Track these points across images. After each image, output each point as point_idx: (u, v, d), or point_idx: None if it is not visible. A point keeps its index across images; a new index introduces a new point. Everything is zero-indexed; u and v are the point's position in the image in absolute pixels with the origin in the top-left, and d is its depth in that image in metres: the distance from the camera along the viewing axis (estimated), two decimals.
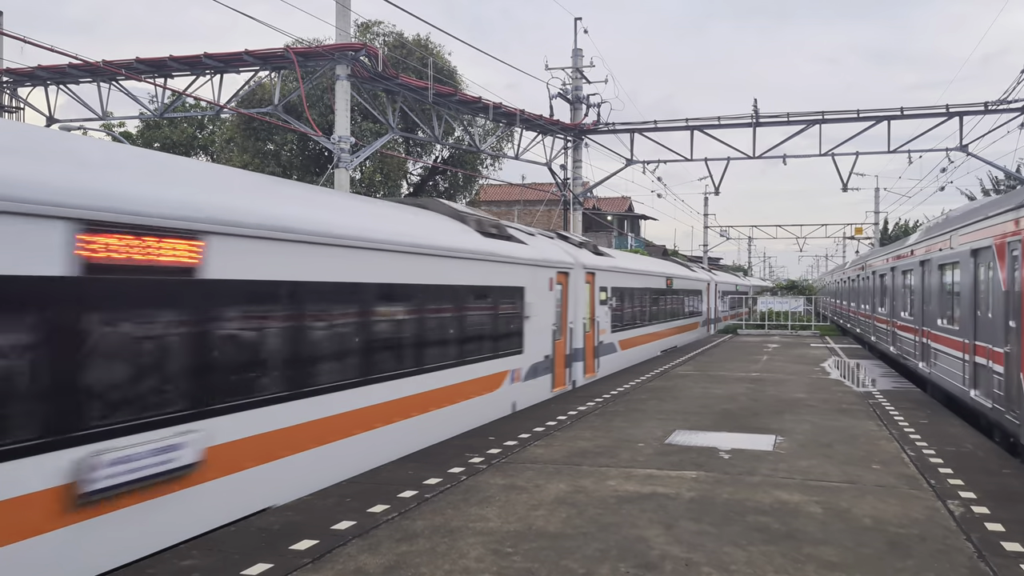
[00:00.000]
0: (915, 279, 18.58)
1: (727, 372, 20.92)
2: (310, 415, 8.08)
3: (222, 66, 22.15)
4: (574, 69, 30.47)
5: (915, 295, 18.56)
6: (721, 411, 14.09)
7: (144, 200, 6.26)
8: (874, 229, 60.28)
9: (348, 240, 8.76)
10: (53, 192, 5.51)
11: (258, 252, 7.39)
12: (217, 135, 41.52)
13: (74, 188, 5.70)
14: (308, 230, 8.09)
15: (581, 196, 31.74)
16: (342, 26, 19.92)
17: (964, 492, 8.45)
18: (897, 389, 17.52)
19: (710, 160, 29.94)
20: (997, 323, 11.23)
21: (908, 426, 12.57)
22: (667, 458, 10.07)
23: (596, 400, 15.21)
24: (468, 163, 37.25)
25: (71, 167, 5.90)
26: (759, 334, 40.78)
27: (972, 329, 12.66)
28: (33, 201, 5.35)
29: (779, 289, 69.54)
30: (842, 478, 9.06)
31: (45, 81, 24.12)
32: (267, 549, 6.46)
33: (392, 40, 34.37)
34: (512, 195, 53.62)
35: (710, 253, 68.19)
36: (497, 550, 6.53)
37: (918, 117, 26.76)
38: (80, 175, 5.90)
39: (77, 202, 5.67)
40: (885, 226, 64.39)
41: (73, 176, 5.80)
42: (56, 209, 5.50)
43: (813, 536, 6.95)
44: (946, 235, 14.76)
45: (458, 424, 11.42)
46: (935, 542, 6.82)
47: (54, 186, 5.55)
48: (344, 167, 19.85)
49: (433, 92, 23.39)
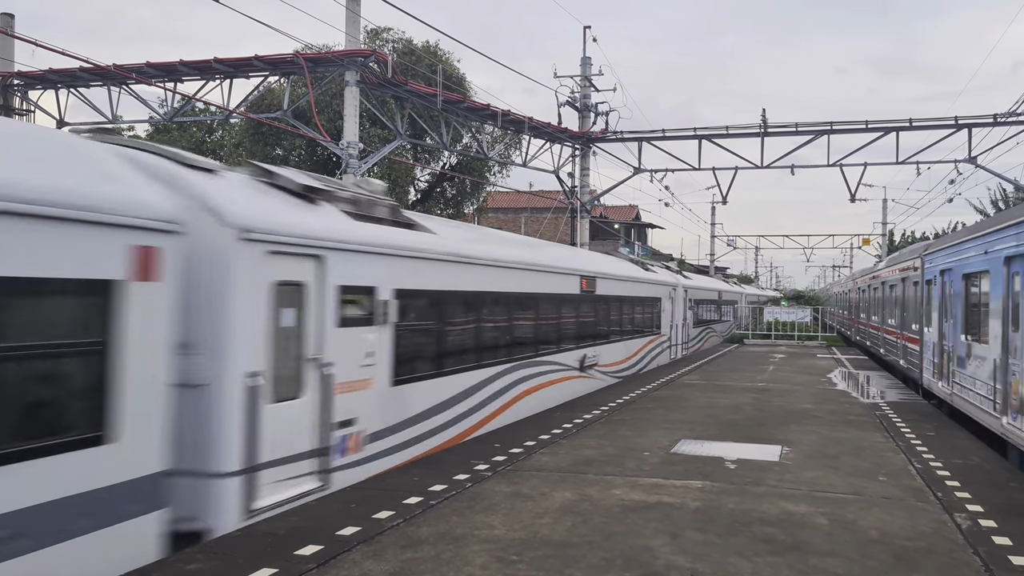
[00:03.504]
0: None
1: (733, 382, 20.87)
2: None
3: (232, 71, 22.26)
4: (582, 77, 30.52)
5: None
6: (727, 421, 14.05)
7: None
8: (881, 240, 60.14)
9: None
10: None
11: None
12: (226, 140, 41.70)
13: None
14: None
15: (588, 204, 31.76)
16: (352, 32, 19.99)
17: (971, 505, 8.41)
18: (904, 401, 17.46)
19: (718, 169, 29.94)
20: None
21: (915, 438, 12.52)
22: (673, 467, 10.05)
23: (602, 408, 15.18)
24: (476, 170, 37.31)
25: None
26: (765, 344, 40.71)
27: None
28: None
29: (784, 299, 69.33)
30: (848, 490, 9.03)
31: (56, 84, 24.27)
32: (272, 554, 6.46)
33: (401, 47, 34.47)
34: (519, 202, 53.59)
35: (717, 262, 68.11)
36: (502, 558, 6.52)
37: (927, 128, 26.75)
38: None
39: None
40: (891, 237, 64.23)
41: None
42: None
43: (819, 548, 6.92)
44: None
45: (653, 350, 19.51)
46: (942, 555, 6.78)
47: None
48: (352, 173, 19.91)
49: (442, 99, 23.46)
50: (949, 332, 15.37)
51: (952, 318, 15.17)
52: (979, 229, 13.83)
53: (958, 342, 14.41)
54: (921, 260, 18.74)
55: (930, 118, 26.59)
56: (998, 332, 11.49)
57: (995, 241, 12.29)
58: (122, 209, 6.00)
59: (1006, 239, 11.57)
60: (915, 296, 19.75)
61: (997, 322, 11.62)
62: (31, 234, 5.35)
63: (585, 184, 31.34)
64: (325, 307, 8.42)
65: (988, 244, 12.74)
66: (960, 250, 14.88)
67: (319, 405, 8.30)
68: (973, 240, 13.88)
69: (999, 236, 12.01)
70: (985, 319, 12.58)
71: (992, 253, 12.38)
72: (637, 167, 30.80)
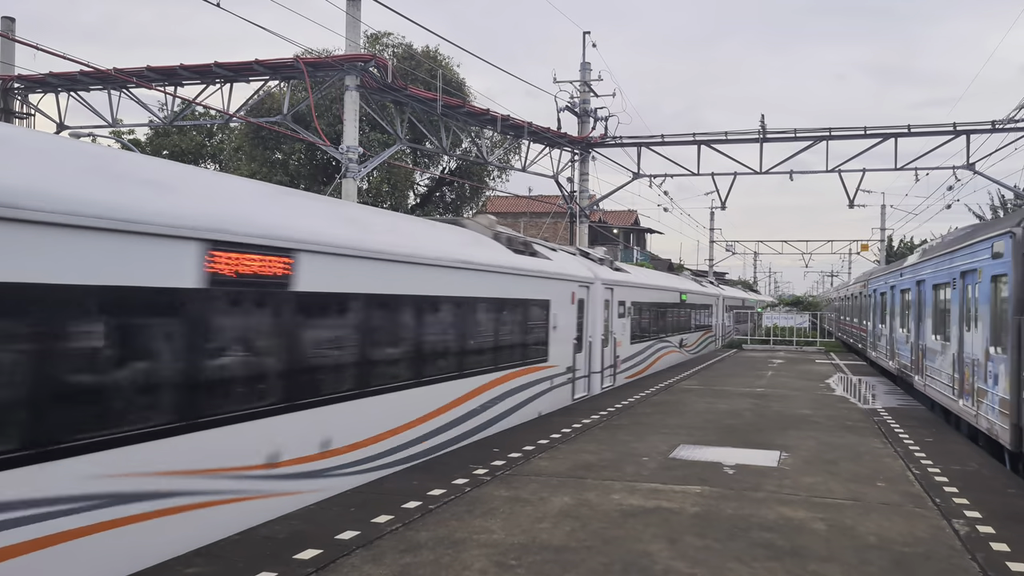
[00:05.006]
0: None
1: (731, 387, 20.88)
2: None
3: (232, 75, 22.31)
4: (582, 82, 30.59)
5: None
6: (725, 426, 14.06)
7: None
8: (880, 246, 60.20)
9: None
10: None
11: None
12: (226, 143, 41.76)
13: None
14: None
15: (587, 209, 31.81)
16: (352, 37, 20.04)
17: (969, 511, 8.42)
18: (902, 407, 17.48)
19: (717, 175, 30.04)
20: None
21: (913, 444, 12.53)
22: (671, 472, 10.06)
23: (600, 413, 15.20)
24: (475, 175, 37.36)
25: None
26: (764, 349, 40.72)
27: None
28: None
29: (778, 305, 69.42)
30: (847, 495, 9.04)
31: (56, 88, 24.30)
32: (271, 558, 6.46)
33: (401, 51, 34.56)
34: (518, 207, 53.64)
35: (716, 268, 68.14)
36: (501, 562, 6.52)
37: (925, 135, 26.84)
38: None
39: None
40: (890, 243, 64.30)
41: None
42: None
43: (817, 553, 6.93)
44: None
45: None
46: (940, 561, 6.79)
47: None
48: (352, 177, 19.94)
49: (441, 104, 23.50)
50: (876, 323, 27.12)
51: (879, 316, 26.13)
52: (882, 270, 27.60)
53: (878, 329, 26.49)
54: (867, 282, 30.39)
55: (928, 124, 26.73)
56: (892, 322, 22.83)
57: (890, 276, 23.70)
58: (579, 278, 17.13)
59: (894, 276, 22.90)
60: (865, 304, 30.69)
61: (894, 316, 22.70)
62: (523, 283, 13.91)
63: (584, 189, 31.41)
64: (612, 309, 19.62)
65: (887, 278, 24.54)
66: (877, 279, 27.32)
67: (612, 349, 19.75)
68: (883, 276, 25.77)
69: (896, 271, 22.63)
70: (889, 316, 23.78)
71: (879, 283, 26.06)
72: (636, 172, 30.86)
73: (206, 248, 6.70)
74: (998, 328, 11.48)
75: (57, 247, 5.48)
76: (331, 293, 8.48)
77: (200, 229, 6.65)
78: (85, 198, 5.73)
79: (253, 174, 32.71)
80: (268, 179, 30.78)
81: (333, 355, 8.64)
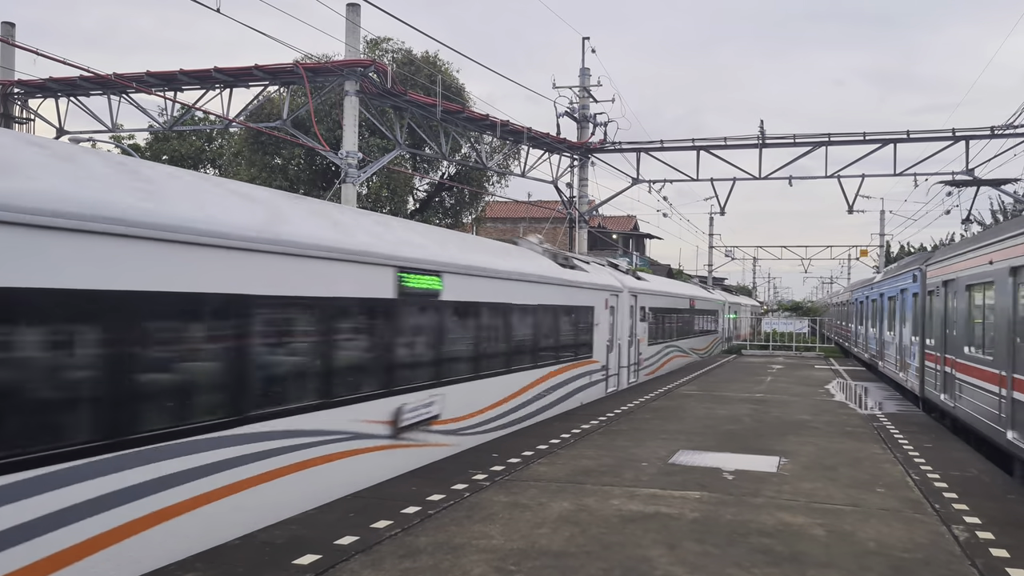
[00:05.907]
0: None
1: (731, 393, 20.88)
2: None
3: (232, 80, 22.30)
4: (581, 88, 30.63)
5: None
6: (725, 432, 14.06)
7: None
8: (879, 251, 60.22)
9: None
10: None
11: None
12: (225, 148, 41.74)
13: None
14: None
15: (587, 214, 31.81)
16: (351, 42, 20.06)
17: (969, 517, 8.42)
18: (902, 412, 17.47)
19: (716, 180, 30.01)
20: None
21: (913, 450, 12.53)
22: (671, 478, 10.05)
23: (599, 419, 15.19)
24: (474, 180, 37.37)
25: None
26: (763, 355, 40.73)
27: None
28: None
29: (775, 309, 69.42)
30: (846, 501, 9.04)
31: (56, 93, 24.30)
32: (270, 563, 6.46)
33: (401, 57, 34.57)
34: (518, 212, 53.69)
35: (715, 273, 68.14)
36: (500, 568, 6.52)
37: (924, 140, 26.83)
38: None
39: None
40: (889, 248, 64.31)
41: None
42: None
43: (817, 559, 6.92)
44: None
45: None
46: (939, 567, 6.79)
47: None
48: (351, 182, 19.95)
49: (441, 109, 23.53)
50: (856, 325, 33.49)
51: (858, 319, 32.10)
52: (861, 282, 34.14)
53: (857, 329, 33.00)
54: (852, 291, 37.07)
55: (928, 130, 26.67)
56: (866, 323, 28.64)
57: (869, 287, 29.39)
58: (611, 287, 19.74)
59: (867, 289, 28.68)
60: (850, 310, 36.95)
61: (870, 321, 28.12)
62: (576, 292, 16.96)
63: (583, 194, 31.40)
64: (636, 314, 21.97)
65: (864, 290, 30.47)
66: (858, 290, 33.09)
67: (636, 349, 22.17)
68: (861, 288, 32.00)
69: (875, 283, 27.80)
70: (865, 318, 29.14)
71: (859, 293, 30.83)
72: (635, 178, 30.87)
73: (397, 271, 9.85)
74: (915, 325, 18.64)
75: (349, 276, 8.89)
76: (462, 301, 11.65)
77: (395, 258, 9.87)
78: (368, 252, 9.29)
79: (252, 179, 32.71)
80: (267, 184, 30.77)
81: (465, 346, 11.85)
